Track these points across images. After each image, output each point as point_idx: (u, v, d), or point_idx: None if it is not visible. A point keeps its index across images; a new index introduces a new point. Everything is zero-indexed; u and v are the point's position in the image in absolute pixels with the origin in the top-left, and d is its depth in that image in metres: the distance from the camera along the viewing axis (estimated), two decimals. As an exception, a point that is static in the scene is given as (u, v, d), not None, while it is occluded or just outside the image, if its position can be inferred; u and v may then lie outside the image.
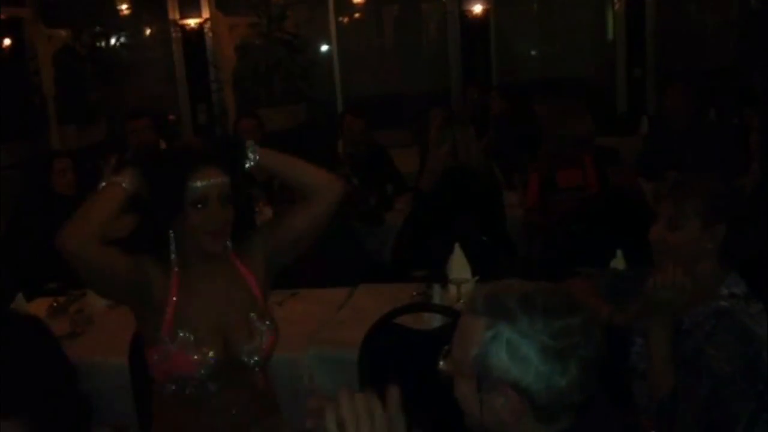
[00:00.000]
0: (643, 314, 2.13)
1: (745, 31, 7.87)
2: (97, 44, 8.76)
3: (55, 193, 4.72)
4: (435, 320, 2.86)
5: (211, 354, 2.13)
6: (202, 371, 2.13)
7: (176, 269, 2.17)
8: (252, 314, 2.21)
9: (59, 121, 8.26)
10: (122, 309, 3.42)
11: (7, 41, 7.88)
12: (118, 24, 9.07)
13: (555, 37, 9.41)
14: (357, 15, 9.75)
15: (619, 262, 3.15)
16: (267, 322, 2.23)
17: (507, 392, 1.38)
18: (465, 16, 8.86)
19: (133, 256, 2.15)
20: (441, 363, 1.49)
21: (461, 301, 3.14)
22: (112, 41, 9.09)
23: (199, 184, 2.09)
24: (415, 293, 3.32)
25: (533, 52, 9.70)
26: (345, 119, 5.86)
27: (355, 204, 4.45)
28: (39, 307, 3.48)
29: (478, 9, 8.81)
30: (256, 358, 2.20)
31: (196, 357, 2.12)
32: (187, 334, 2.12)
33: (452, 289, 3.23)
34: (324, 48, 9.49)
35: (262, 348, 2.20)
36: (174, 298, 2.15)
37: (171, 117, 8.81)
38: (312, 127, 8.22)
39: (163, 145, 5.89)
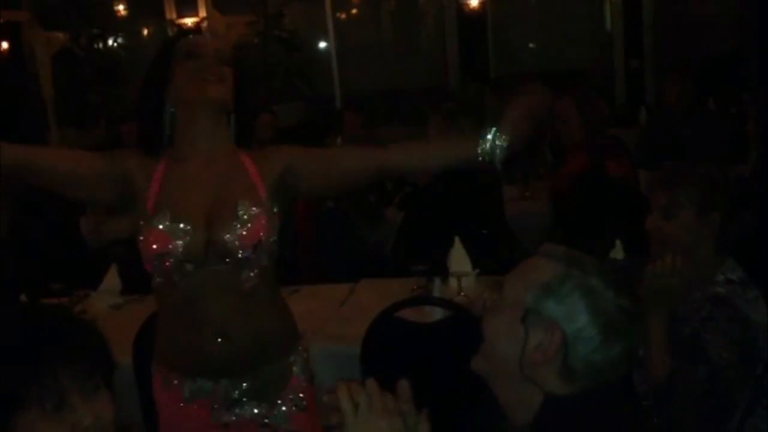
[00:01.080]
0: (641, 302, 2.14)
1: (745, 17, 7.87)
2: (95, 46, 8.78)
3: (55, 195, 4.74)
4: (436, 313, 2.87)
5: (188, 227, 1.95)
6: (179, 244, 1.94)
7: (165, 158, 2.03)
8: (245, 201, 1.98)
9: (59, 122, 8.28)
10: (126, 310, 3.46)
11: (5, 45, 7.90)
12: (115, 25, 9.09)
13: (553, 28, 9.40)
14: (354, 11, 9.76)
15: (617, 253, 3.17)
16: (258, 209, 1.98)
17: (555, 332, 1.38)
18: (462, 10, 8.86)
19: (108, 154, 2.05)
20: (485, 296, 1.51)
21: (462, 293, 3.16)
22: (110, 42, 9.11)
23: (190, 37, 2.05)
24: (415, 287, 3.34)
25: (531, 45, 9.70)
26: (344, 115, 5.90)
27: (355, 200, 4.46)
28: (42, 308, 3.49)
29: (474, 2, 8.81)
30: (237, 240, 1.94)
31: (172, 229, 1.95)
32: (166, 211, 1.96)
33: (452, 282, 3.25)
34: (322, 45, 9.50)
35: (246, 228, 1.95)
36: (157, 182, 2.01)
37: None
38: (311, 124, 8.24)
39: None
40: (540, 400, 1.41)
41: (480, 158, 1.94)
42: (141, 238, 1.97)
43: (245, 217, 1.96)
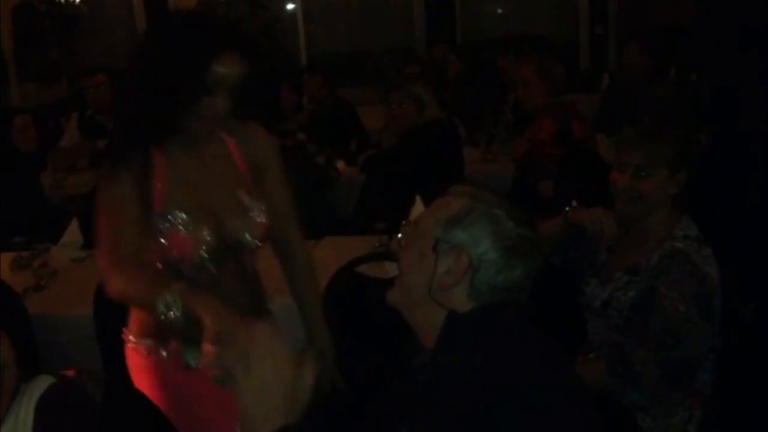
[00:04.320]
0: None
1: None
2: (57, 0, 8.60)
3: (16, 150, 4.71)
4: (394, 270, 2.92)
5: (206, 232, 1.99)
6: (201, 250, 1.99)
7: (156, 152, 1.99)
8: (240, 192, 2.06)
9: (19, 78, 8.14)
10: (88, 263, 3.45)
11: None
12: (76, -21, 8.90)
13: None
14: (321, -29, 9.66)
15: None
16: (257, 202, 2.07)
17: (461, 257, 1.50)
18: (430, -27, 8.83)
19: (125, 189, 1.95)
20: (402, 227, 1.62)
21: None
22: (72, -3, 8.92)
23: (222, 69, 1.89)
24: (377, 245, 3.38)
25: (499, 10, 9.71)
26: (305, 78, 5.93)
27: (302, 164, 4.43)
28: (4, 261, 3.49)
29: (442, -34, 8.77)
30: (249, 236, 2.06)
31: (191, 235, 1.98)
32: (179, 214, 1.97)
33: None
34: (290, 7, 9.41)
35: (254, 224, 2.06)
36: (160, 180, 1.98)
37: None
38: (277, 84, 8.19)
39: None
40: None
41: None
42: (156, 241, 1.96)
43: (249, 209, 2.04)
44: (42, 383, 1.61)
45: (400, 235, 1.61)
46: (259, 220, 2.06)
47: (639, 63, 5.31)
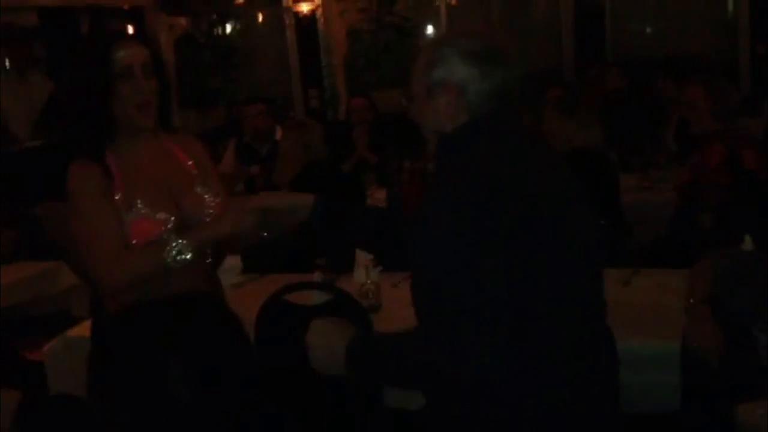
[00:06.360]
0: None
1: None
2: (215, 32, 9.02)
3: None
4: (318, 297, 2.99)
5: (169, 215, 2.22)
6: (165, 230, 2.20)
7: (110, 153, 2.26)
8: (196, 186, 2.33)
9: (180, 105, 8.57)
10: (246, 288, 3.55)
11: (130, 30, 8.21)
12: (233, 11, 9.31)
13: (671, 13, 9.07)
14: (464, -4, 9.67)
15: (747, 247, 3.03)
16: (210, 191, 2.34)
17: (450, 90, 1.77)
18: (578, -6, 8.66)
19: (96, 192, 2.21)
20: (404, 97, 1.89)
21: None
22: (228, 28, 9.33)
23: (122, 54, 2.20)
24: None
25: (648, 30, 9.41)
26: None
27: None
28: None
29: (589, -14, 8.58)
30: (207, 214, 2.29)
31: (156, 218, 2.21)
32: (141, 203, 2.21)
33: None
34: (429, 30, 9.48)
35: (210, 204, 2.32)
36: (117, 176, 2.24)
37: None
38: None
39: (278, 129, 6.06)
40: None
41: None
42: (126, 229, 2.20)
43: (205, 197, 2.32)
44: None
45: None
46: (212, 200, 2.32)
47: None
